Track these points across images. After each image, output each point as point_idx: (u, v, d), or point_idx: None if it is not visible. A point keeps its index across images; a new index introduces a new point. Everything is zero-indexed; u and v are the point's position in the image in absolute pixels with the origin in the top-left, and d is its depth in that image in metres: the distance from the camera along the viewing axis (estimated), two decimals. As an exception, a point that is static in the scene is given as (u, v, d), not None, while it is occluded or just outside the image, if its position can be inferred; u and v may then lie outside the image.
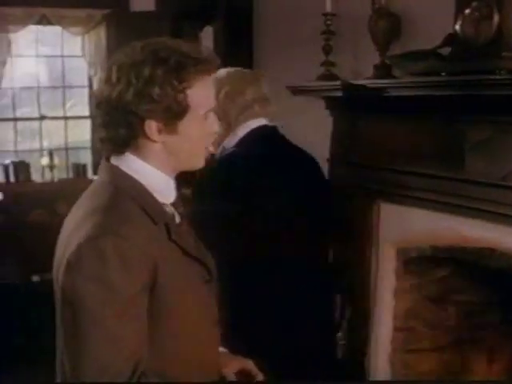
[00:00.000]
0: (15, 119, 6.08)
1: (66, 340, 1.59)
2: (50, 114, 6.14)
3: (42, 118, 6.09)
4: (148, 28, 5.69)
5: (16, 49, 5.84)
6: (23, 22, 5.67)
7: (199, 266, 1.78)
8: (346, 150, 3.62)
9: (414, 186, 3.17)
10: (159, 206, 1.71)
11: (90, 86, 6.14)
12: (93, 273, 1.53)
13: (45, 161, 6.02)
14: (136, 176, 1.69)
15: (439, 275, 3.29)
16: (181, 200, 1.84)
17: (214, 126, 1.76)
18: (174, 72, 1.62)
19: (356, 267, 3.60)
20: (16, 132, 6.08)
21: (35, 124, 6.15)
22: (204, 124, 1.72)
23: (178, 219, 1.79)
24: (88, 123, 6.08)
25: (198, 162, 1.78)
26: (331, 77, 3.66)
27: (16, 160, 5.95)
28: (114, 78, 1.64)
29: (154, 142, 1.68)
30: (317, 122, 4.03)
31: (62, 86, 6.19)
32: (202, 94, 1.69)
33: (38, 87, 6.13)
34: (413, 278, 3.32)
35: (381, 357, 3.46)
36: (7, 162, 5.89)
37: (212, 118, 1.75)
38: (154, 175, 1.71)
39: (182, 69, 1.63)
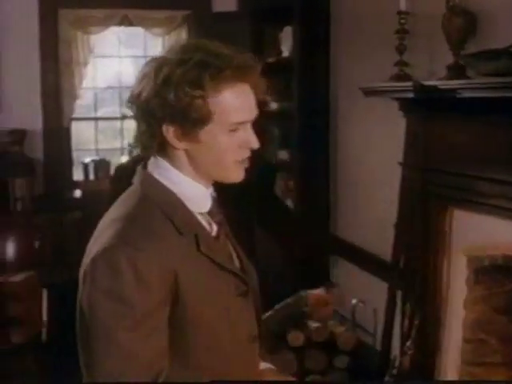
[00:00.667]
0: (96, 118, 6.19)
1: (81, 349, 1.57)
2: (131, 114, 6.20)
3: (124, 117, 6.16)
4: (229, 28, 5.74)
5: (98, 49, 5.94)
6: (105, 24, 5.77)
7: (234, 278, 1.69)
8: (418, 153, 3.50)
9: (488, 193, 3.02)
10: (189, 216, 1.64)
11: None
12: (106, 286, 1.50)
13: (125, 159, 6.09)
14: (167, 184, 1.63)
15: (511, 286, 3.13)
16: (219, 208, 1.77)
17: (247, 139, 1.63)
18: (189, 77, 1.53)
19: (427, 275, 3.48)
20: (97, 131, 6.19)
21: (116, 123, 6.24)
22: (232, 136, 1.60)
23: (215, 229, 1.71)
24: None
25: (231, 176, 1.66)
26: (404, 77, 3.55)
27: (97, 158, 6.05)
28: (141, 75, 1.60)
29: (177, 148, 1.61)
30: (391, 124, 3.94)
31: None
32: (229, 102, 1.57)
33: (120, 87, 6.21)
34: (484, 288, 3.17)
35: (449, 368, 3.33)
36: (87, 160, 5.99)
37: (245, 130, 1.62)
38: (185, 183, 1.64)
39: (200, 74, 1.53)
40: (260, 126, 5.21)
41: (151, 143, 1.62)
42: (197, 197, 1.66)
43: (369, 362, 4.17)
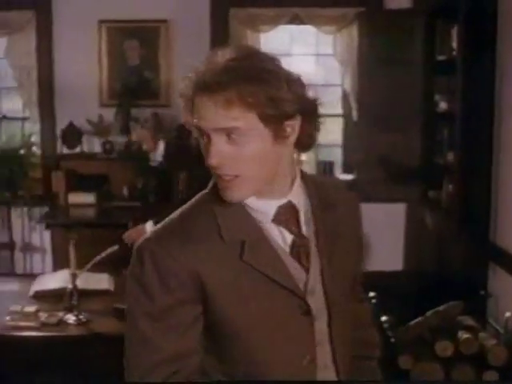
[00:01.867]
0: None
1: None
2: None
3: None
4: (401, 25, 5.63)
5: (269, 47, 6.01)
6: (275, 22, 5.83)
7: (290, 295, 1.60)
8: None
9: None
10: (243, 222, 1.57)
11: (342, 84, 6.18)
12: (134, 274, 1.55)
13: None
14: None
15: None
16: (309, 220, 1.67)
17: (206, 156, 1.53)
18: None
19: None
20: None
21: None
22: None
23: (288, 240, 1.61)
24: (340, 121, 6.26)
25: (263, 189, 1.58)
26: None
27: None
28: None
29: None
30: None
31: (325, 84, 6.24)
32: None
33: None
34: None
35: None
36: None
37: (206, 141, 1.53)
38: None
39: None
40: (429, 126, 5.07)
41: None
42: (257, 205, 1.59)
43: (521, 380, 3.92)
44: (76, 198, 5.62)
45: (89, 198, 5.62)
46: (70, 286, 3.15)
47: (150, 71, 5.85)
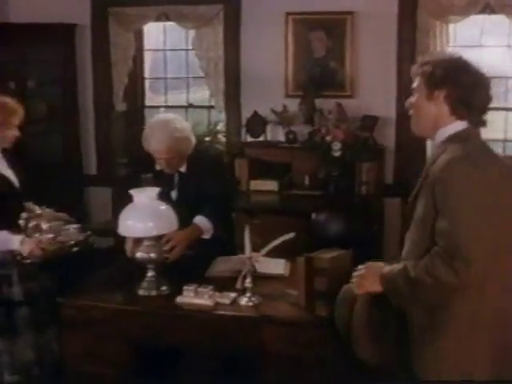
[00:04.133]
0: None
1: None
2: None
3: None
4: None
5: (459, 38, 5.85)
6: (466, 13, 5.63)
7: None
8: None
9: None
10: None
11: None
12: None
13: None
14: None
15: None
16: None
17: None
18: None
19: None
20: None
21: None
22: None
23: None
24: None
25: None
26: None
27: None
28: None
29: None
30: None
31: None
32: None
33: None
34: None
35: None
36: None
37: None
38: None
39: None
40: None
41: None
42: None
43: None
44: (259, 184, 5.80)
45: (271, 185, 5.76)
46: (245, 268, 3.25)
47: (335, 62, 5.87)
